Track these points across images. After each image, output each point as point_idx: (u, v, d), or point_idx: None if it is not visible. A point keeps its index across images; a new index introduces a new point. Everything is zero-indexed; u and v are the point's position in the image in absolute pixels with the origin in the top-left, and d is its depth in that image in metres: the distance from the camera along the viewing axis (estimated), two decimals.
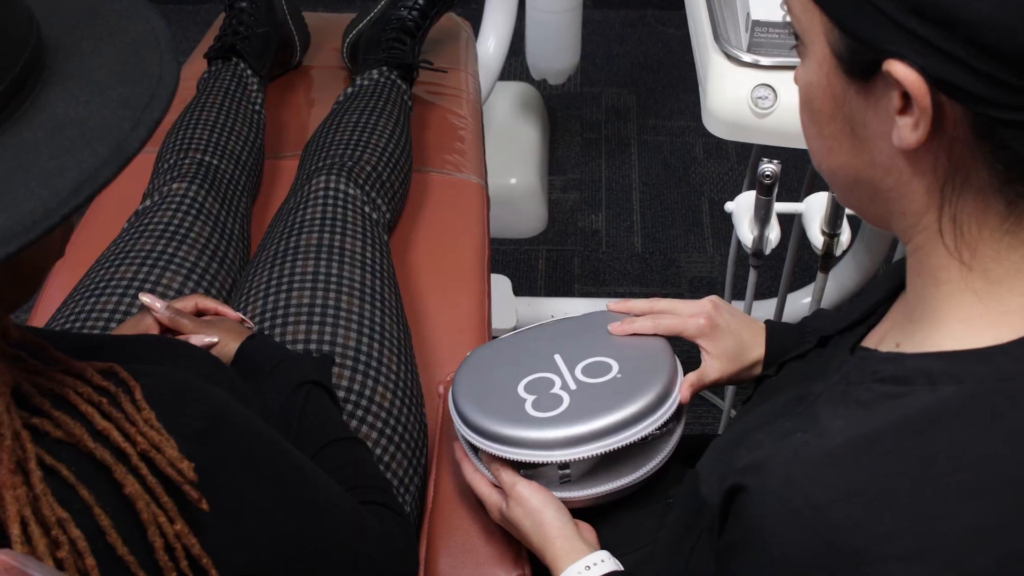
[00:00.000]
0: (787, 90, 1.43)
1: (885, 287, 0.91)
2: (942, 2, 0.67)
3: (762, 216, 1.41)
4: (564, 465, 1.15)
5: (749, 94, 1.43)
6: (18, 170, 0.68)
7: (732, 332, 1.19)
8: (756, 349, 1.19)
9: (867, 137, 0.76)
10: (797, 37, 0.79)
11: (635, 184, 2.84)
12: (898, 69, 0.69)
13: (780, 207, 1.45)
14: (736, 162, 2.89)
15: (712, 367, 1.19)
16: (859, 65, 0.73)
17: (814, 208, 1.47)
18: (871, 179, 0.78)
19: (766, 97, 1.43)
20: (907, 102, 0.70)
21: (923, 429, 0.71)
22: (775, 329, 1.20)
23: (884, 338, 0.84)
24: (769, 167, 1.34)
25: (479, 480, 1.18)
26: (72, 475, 0.74)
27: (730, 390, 1.96)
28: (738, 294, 1.99)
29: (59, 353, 0.80)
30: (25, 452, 0.72)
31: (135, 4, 0.82)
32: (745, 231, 1.47)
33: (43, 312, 1.55)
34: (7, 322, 0.75)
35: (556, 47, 2.52)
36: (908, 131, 0.71)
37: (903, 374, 0.75)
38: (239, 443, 0.85)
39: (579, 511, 1.15)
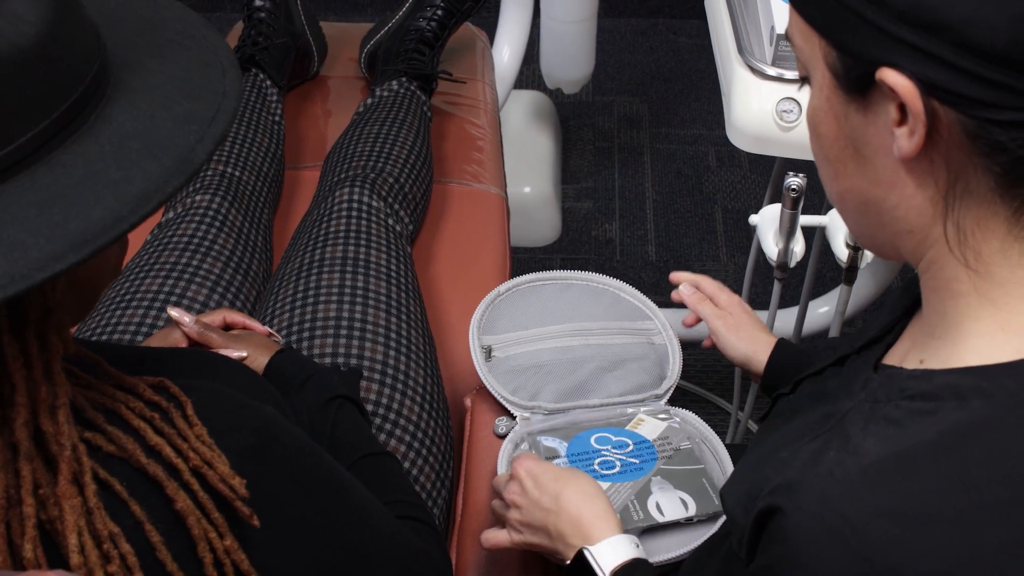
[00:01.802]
0: None
1: (902, 304, 0.92)
2: (927, 6, 0.68)
3: (787, 229, 1.41)
4: None
5: (774, 108, 1.44)
6: (87, 180, 0.69)
7: (750, 325, 1.29)
8: (764, 353, 1.26)
9: (869, 154, 0.77)
10: (803, 70, 0.81)
11: (648, 193, 2.85)
12: (890, 76, 0.70)
13: (804, 220, 1.45)
14: (749, 170, 2.89)
15: (728, 342, 1.28)
16: (855, 80, 0.74)
17: (838, 221, 1.47)
18: (877, 199, 0.78)
19: (791, 111, 1.43)
20: (904, 113, 0.71)
21: (956, 444, 0.71)
22: (784, 346, 1.27)
23: (907, 356, 0.84)
24: (795, 181, 1.34)
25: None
26: (124, 490, 0.75)
27: (748, 400, 1.95)
28: (755, 305, 1.99)
29: (112, 368, 0.81)
30: (81, 465, 0.73)
31: (194, 23, 0.84)
32: (770, 244, 1.47)
33: None
34: (68, 335, 0.76)
35: (571, 57, 2.52)
36: (905, 140, 0.72)
37: (932, 390, 0.75)
38: (287, 459, 0.85)
39: None
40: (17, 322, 0.72)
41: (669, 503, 1.19)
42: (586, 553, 1.02)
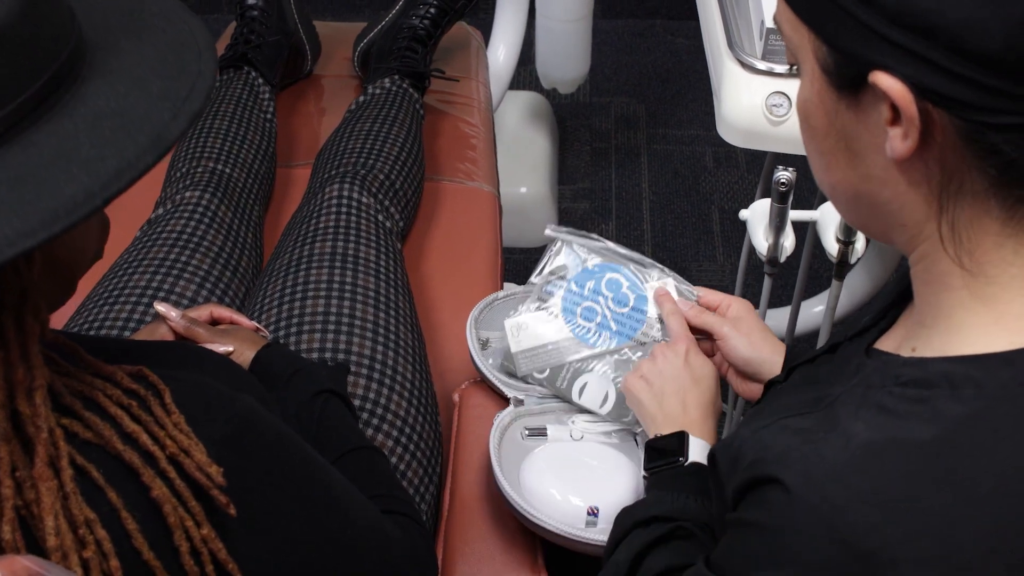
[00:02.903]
0: None
1: (896, 290, 0.91)
2: (920, 10, 0.67)
3: (777, 224, 1.41)
4: (593, 510, 1.16)
5: (764, 102, 1.43)
6: (60, 158, 0.69)
7: (763, 329, 1.22)
8: (773, 366, 1.18)
9: (861, 151, 0.76)
10: (791, 57, 0.80)
11: (645, 193, 2.84)
12: (883, 80, 0.70)
13: (795, 215, 1.45)
14: (746, 171, 2.89)
15: (739, 343, 1.20)
16: (847, 79, 0.74)
17: (828, 216, 1.47)
18: (869, 193, 0.78)
19: (781, 105, 1.43)
20: (897, 113, 0.71)
21: (948, 435, 0.71)
22: (795, 353, 1.19)
23: (901, 344, 0.84)
24: (784, 175, 1.34)
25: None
26: (101, 477, 0.74)
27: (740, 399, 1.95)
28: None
29: (90, 356, 0.80)
30: (57, 450, 0.73)
31: (173, 8, 0.84)
32: (760, 239, 1.46)
33: (56, 320, 1.54)
34: (46, 319, 0.76)
35: (567, 56, 2.52)
36: (898, 141, 0.71)
37: (925, 378, 0.74)
38: (266, 449, 0.85)
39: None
40: None
41: (593, 391, 1.25)
42: (688, 437, 1.10)
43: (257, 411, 0.86)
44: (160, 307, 1.19)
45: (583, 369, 1.26)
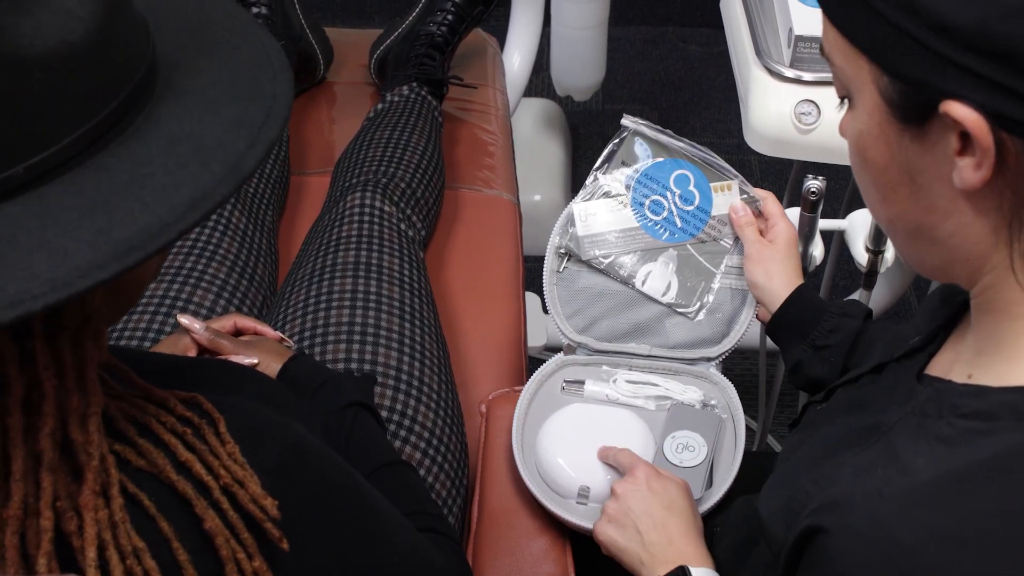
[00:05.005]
0: (830, 106, 1.41)
1: (942, 314, 0.89)
2: (997, 35, 0.65)
3: (806, 233, 1.39)
4: (584, 490, 1.17)
5: (792, 110, 1.42)
6: (133, 184, 0.66)
7: (784, 260, 1.23)
8: (776, 298, 1.21)
9: (925, 183, 0.73)
10: (842, 90, 0.77)
11: None
12: (956, 109, 0.67)
13: (823, 224, 1.43)
14: (760, 179, 2.87)
15: (756, 268, 1.23)
16: (912, 110, 0.71)
17: (857, 225, 1.46)
18: (931, 226, 0.75)
19: (809, 113, 1.41)
20: (966, 142, 0.68)
21: (1014, 466, 0.69)
22: (799, 296, 1.20)
23: (951, 368, 0.81)
24: (815, 183, 1.32)
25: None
26: (153, 506, 0.72)
27: (764, 410, 1.93)
28: None
29: (140, 379, 0.78)
30: (109, 477, 0.70)
31: (245, 22, 0.80)
32: None
33: None
34: (104, 343, 0.73)
35: (582, 63, 2.51)
36: (970, 171, 0.69)
37: (988, 409, 0.72)
38: (316, 478, 0.83)
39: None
40: (52, 329, 0.69)
41: (656, 280, 1.29)
42: (690, 572, 1.00)
43: (307, 439, 0.84)
44: (183, 319, 1.17)
45: (647, 258, 1.30)
